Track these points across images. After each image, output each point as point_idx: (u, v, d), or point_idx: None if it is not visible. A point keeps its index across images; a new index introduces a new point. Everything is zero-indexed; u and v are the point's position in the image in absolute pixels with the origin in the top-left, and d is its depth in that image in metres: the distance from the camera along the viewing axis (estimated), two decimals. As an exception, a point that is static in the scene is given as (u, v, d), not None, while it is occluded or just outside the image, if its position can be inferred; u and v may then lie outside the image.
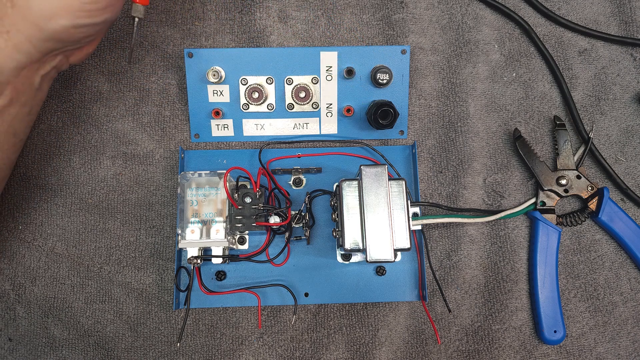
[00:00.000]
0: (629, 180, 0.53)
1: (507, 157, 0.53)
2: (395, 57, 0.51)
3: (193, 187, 0.46)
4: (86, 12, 0.36)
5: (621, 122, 0.54)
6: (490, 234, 0.52)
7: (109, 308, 0.50)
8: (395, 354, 0.50)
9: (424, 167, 0.53)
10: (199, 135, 0.52)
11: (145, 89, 0.53)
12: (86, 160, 0.52)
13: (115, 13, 0.39)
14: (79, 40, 0.39)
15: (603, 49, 0.55)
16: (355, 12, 0.54)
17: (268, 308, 0.50)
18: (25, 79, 0.39)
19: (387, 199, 0.43)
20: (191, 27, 0.53)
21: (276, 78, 0.51)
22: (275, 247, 0.50)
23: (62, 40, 0.37)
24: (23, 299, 0.50)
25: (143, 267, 0.50)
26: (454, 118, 0.53)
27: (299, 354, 0.49)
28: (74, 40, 0.38)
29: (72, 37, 0.38)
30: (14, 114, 0.40)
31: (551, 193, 0.51)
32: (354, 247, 0.42)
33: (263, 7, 0.54)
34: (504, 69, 0.54)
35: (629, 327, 0.51)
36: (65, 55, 0.41)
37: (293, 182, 0.52)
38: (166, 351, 0.49)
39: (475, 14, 0.55)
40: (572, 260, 0.52)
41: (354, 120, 0.53)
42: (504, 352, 0.50)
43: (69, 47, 0.39)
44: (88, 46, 0.42)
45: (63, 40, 0.38)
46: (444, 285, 0.51)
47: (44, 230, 0.51)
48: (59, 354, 0.49)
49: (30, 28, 0.36)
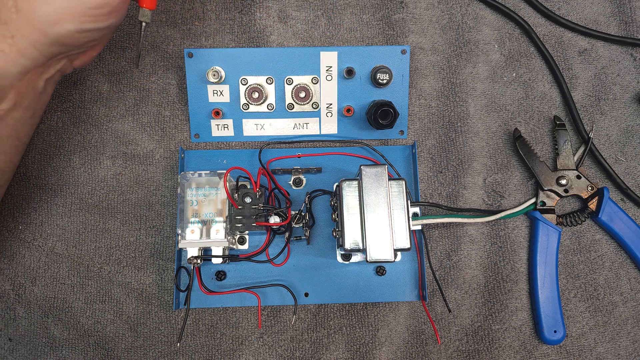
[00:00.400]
0: (629, 180, 0.53)
1: (507, 157, 0.53)
2: (395, 57, 0.51)
3: (193, 187, 0.46)
4: (91, 17, 0.36)
5: (621, 122, 0.54)
6: (490, 234, 0.52)
7: (109, 308, 0.50)
8: (395, 354, 0.50)
9: (424, 167, 0.53)
10: (199, 135, 0.52)
11: (145, 89, 0.53)
12: (86, 160, 0.52)
13: (120, 18, 0.39)
14: (83, 44, 0.39)
15: (603, 49, 0.55)
16: (355, 12, 0.54)
17: (268, 308, 0.50)
18: (29, 82, 0.39)
19: (387, 199, 0.43)
20: (191, 27, 0.53)
21: (276, 78, 0.51)
22: (275, 247, 0.50)
23: (66, 44, 0.37)
24: (23, 299, 0.50)
25: (143, 267, 0.50)
26: (454, 118, 0.53)
27: (299, 354, 0.49)
28: (79, 45, 0.38)
29: (76, 41, 0.38)
30: (17, 117, 0.40)
31: (551, 193, 0.51)
32: (354, 247, 0.42)
33: (263, 7, 0.54)
34: (504, 69, 0.54)
35: (629, 327, 0.51)
36: (69, 59, 0.41)
37: (293, 182, 0.52)
38: (166, 351, 0.49)
39: (475, 14, 0.55)
40: (572, 260, 0.52)
41: (354, 120, 0.53)
42: (504, 352, 0.50)
43: (74, 52, 0.39)
44: (92, 50, 0.42)
45: (68, 44, 0.38)
46: (444, 285, 0.51)
47: (44, 230, 0.51)
48: (59, 354, 0.49)
49: (35, 33, 0.36)
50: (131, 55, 0.53)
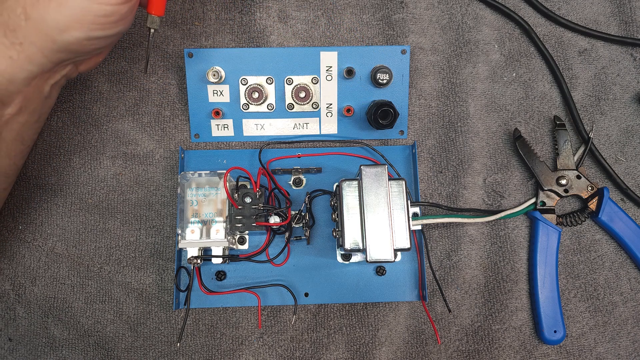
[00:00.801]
0: (629, 180, 0.53)
1: (507, 157, 0.53)
2: (395, 57, 0.51)
3: (193, 187, 0.46)
4: (99, 24, 0.36)
5: (621, 122, 0.54)
6: (490, 234, 0.52)
7: (109, 308, 0.50)
8: (395, 354, 0.50)
9: (424, 167, 0.53)
10: (199, 135, 0.52)
11: (145, 89, 0.53)
12: (86, 160, 0.52)
13: (128, 25, 0.39)
14: (90, 51, 0.39)
15: (603, 49, 0.55)
16: (355, 12, 0.54)
17: (268, 308, 0.50)
18: (36, 88, 0.39)
19: (387, 199, 0.43)
20: (191, 27, 0.53)
21: (276, 78, 0.51)
22: (275, 247, 0.50)
23: (74, 51, 0.38)
24: (23, 299, 0.50)
25: (143, 267, 0.50)
26: (454, 118, 0.53)
27: (299, 354, 0.49)
28: (86, 52, 0.39)
29: (84, 48, 0.38)
30: (23, 122, 0.40)
31: (551, 193, 0.51)
32: (354, 247, 0.42)
33: (263, 7, 0.54)
34: (504, 69, 0.54)
35: (629, 327, 0.51)
36: (75, 64, 0.41)
37: (293, 182, 0.52)
38: (166, 351, 0.49)
39: (475, 14, 0.55)
40: (572, 260, 0.52)
41: (354, 120, 0.53)
42: (504, 352, 0.50)
43: (80, 58, 0.40)
44: (98, 56, 0.42)
45: (75, 51, 0.38)
46: (444, 285, 0.51)
47: (44, 230, 0.51)
48: (59, 354, 0.49)
49: (43, 40, 0.36)
50: (132, 55, 0.53)
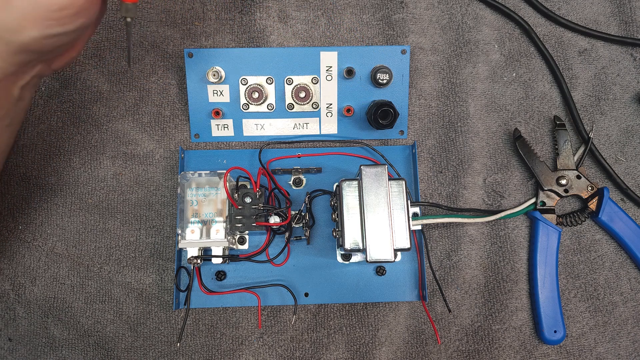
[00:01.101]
0: (629, 180, 0.53)
1: (507, 157, 0.53)
2: (395, 57, 0.51)
3: (193, 187, 0.46)
4: (55, 20, 0.33)
5: (621, 122, 0.54)
6: (490, 234, 0.52)
7: (109, 308, 0.50)
8: (395, 354, 0.50)
9: (424, 167, 0.53)
10: (199, 135, 0.52)
11: (145, 89, 0.53)
12: (86, 160, 0.52)
13: (90, 17, 0.35)
14: (54, 49, 0.36)
15: (603, 49, 0.55)
16: (355, 12, 0.54)
17: (268, 308, 0.50)
18: (2, 91, 0.36)
19: (387, 199, 0.43)
20: (191, 27, 0.53)
21: (276, 78, 0.51)
22: (275, 247, 0.50)
23: (35, 51, 0.35)
24: (23, 299, 0.50)
25: (143, 267, 0.50)
26: (454, 118, 0.53)
27: (299, 354, 0.49)
28: (49, 50, 0.36)
29: (45, 47, 0.35)
30: None
31: (551, 193, 0.51)
32: (354, 247, 0.42)
33: (263, 7, 0.54)
34: (504, 69, 0.54)
35: (629, 327, 0.51)
36: (46, 63, 0.38)
37: (293, 182, 0.52)
38: (166, 351, 0.49)
39: (475, 14, 0.55)
40: (572, 260, 0.52)
41: (354, 120, 0.53)
42: (504, 352, 0.50)
43: (47, 56, 0.37)
44: (70, 51, 0.39)
45: (37, 51, 0.35)
46: (444, 285, 0.51)
47: (44, 230, 0.51)
48: (59, 354, 0.49)
49: None
50: (132, 55, 0.53)
